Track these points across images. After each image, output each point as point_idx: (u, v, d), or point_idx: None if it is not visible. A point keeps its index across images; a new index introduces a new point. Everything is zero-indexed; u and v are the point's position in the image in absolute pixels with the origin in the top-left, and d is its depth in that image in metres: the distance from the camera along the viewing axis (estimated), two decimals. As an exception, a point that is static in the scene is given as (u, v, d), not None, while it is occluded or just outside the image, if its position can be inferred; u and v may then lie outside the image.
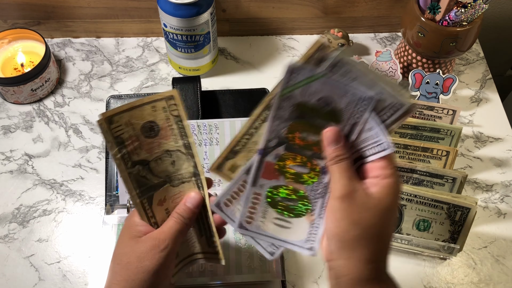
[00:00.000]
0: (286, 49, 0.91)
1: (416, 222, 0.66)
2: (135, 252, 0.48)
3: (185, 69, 0.84)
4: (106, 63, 0.88)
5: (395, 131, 0.72)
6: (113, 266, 0.49)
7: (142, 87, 0.85)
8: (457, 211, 0.64)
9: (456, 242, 0.65)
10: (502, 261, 0.69)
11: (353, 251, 0.42)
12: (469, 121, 0.82)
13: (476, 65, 0.89)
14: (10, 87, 0.79)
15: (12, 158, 0.77)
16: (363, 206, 0.42)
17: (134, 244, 0.48)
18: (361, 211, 0.42)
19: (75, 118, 0.81)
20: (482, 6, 0.70)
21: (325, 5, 0.87)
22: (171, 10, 0.73)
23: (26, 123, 0.81)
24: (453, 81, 0.78)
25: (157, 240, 0.48)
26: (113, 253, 0.50)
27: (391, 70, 0.79)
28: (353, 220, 0.42)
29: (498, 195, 0.75)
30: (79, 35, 0.91)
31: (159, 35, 0.91)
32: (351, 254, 0.42)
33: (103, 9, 0.86)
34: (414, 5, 0.75)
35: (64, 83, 0.85)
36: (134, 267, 0.47)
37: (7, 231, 0.70)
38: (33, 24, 0.88)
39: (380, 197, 0.42)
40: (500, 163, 0.78)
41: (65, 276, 0.67)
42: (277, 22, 0.90)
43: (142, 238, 0.49)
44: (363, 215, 0.42)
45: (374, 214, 0.42)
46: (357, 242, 0.42)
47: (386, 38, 0.93)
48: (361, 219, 0.42)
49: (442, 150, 0.70)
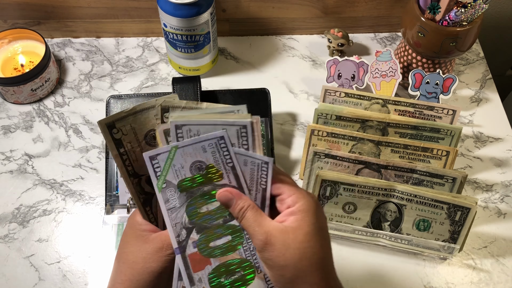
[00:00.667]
0: (286, 49, 0.91)
1: (416, 222, 0.66)
2: (141, 252, 0.47)
3: (185, 69, 0.84)
4: (106, 63, 0.88)
5: (394, 132, 0.72)
6: (118, 264, 0.48)
7: (142, 87, 0.85)
8: (457, 211, 0.64)
9: (456, 242, 0.65)
10: (502, 261, 0.69)
11: (299, 286, 0.41)
12: (469, 121, 0.82)
13: (476, 65, 0.89)
14: (10, 87, 0.79)
15: (12, 158, 0.77)
16: (284, 246, 0.41)
17: (141, 244, 0.47)
18: (284, 252, 0.41)
19: (75, 118, 0.81)
20: (482, 6, 0.70)
21: (325, 5, 0.87)
22: (171, 10, 0.73)
23: (26, 123, 0.81)
24: (453, 81, 0.78)
25: (164, 243, 0.47)
26: (118, 251, 0.49)
27: (391, 70, 0.79)
28: (280, 265, 0.41)
29: (498, 195, 0.75)
30: (79, 35, 0.91)
31: (159, 35, 0.91)
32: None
33: (103, 9, 0.86)
34: (414, 5, 0.75)
35: (64, 83, 0.85)
36: (140, 267, 0.46)
37: (7, 231, 0.70)
38: (33, 24, 0.88)
39: (298, 226, 0.41)
40: (500, 163, 0.78)
41: (65, 276, 0.67)
42: (277, 22, 0.90)
43: (150, 238, 0.47)
44: (288, 255, 0.41)
45: (298, 248, 0.41)
46: (299, 278, 0.41)
47: (386, 38, 0.93)
48: (287, 260, 0.41)
49: (442, 150, 0.70)
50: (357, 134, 0.70)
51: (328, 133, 0.71)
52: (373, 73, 0.80)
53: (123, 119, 0.45)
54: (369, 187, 0.65)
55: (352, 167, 0.68)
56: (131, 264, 0.47)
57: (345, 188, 0.65)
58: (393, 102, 0.75)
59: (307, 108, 0.82)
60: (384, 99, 0.75)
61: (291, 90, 0.85)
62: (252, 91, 0.77)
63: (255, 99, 0.77)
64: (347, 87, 0.80)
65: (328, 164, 0.68)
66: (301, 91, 0.85)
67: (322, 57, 0.89)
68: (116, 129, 0.45)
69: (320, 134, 0.71)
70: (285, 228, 0.41)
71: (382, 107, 0.75)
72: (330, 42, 0.87)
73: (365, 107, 0.75)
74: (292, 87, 0.86)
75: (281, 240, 0.41)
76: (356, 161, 0.67)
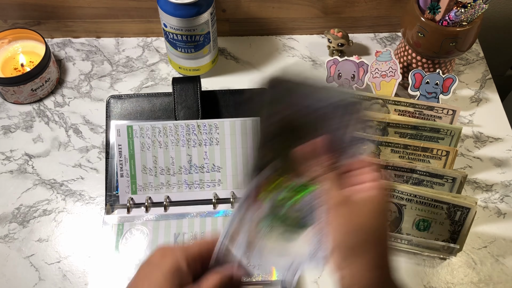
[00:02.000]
0: (286, 49, 0.91)
1: (416, 222, 0.66)
2: None
3: (185, 69, 0.84)
4: (106, 63, 0.88)
5: (394, 132, 0.72)
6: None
7: (142, 87, 0.85)
8: (457, 211, 0.64)
9: (456, 242, 0.65)
10: (502, 261, 0.69)
11: (358, 257, 0.42)
12: (469, 121, 0.82)
13: (476, 65, 0.89)
14: (10, 87, 0.79)
15: (12, 158, 0.77)
16: (359, 211, 0.42)
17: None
18: (358, 215, 0.42)
19: (75, 118, 0.81)
20: (482, 6, 0.70)
21: (325, 5, 0.87)
22: (171, 10, 0.73)
23: (26, 123, 0.81)
24: (453, 81, 0.78)
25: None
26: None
27: (391, 70, 0.79)
28: (352, 226, 0.42)
29: (498, 195, 0.75)
30: (79, 35, 0.91)
31: (159, 35, 0.91)
32: (357, 260, 0.42)
33: (103, 9, 0.86)
34: (414, 5, 0.75)
35: (64, 83, 0.85)
36: None
37: (7, 231, 0.70)
38: (33, 24, 0.88)
39: (372, 201, 0.43)
40: (500, 163, 0.78)
41: (65, 276, 0.67)
42: (277, 22, 0.90)
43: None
44: (361, 220, 0.42)
45: (370, 217, 0.42)
46: (360, 247, 0.42)
47: (386, 38, 0.93)
48: (360, 224, 0.42)
49: (442, 150, 0.70)
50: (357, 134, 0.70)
51: (328, 133, 0.71)
52: (373, 73, 0.80)
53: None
54: (369, 187, 0.65)
55: (352, 167, 0.68)
56: None
57: (345, 188, 0.65)
58: (393, 102, 0.75)
59: (307, 108, 0.82)
60: (384, 99, 0.75)
61: (291, 90, 0.85)
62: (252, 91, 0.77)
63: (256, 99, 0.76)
64: (347, 87, 0.80)
65: (328, 164, 0.68)
66: (301, 91, 0.85)
67: (322, 57, 0.89)
68: None
69: (320, 134, 0.71)
70: (361, 198, 0.43)
71: (382, 107, 0.75)
72: (330, 42, 0.87)
73: (365, 107, 0.75)
74: (292, 87, 0.86)
75: (358, 204, 0.43)
76: (356, 161, 0.67)
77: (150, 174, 0.70)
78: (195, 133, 0.70)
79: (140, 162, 0.70)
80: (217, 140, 0.70)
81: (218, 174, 0.70)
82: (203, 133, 0.70)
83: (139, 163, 0.70)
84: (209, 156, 0.70)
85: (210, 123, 0.71)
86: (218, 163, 0.70)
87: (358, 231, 0.42)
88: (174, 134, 0.70)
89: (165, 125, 0.70)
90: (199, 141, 0.70)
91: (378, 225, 0.43)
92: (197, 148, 0.70)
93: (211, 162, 0.70)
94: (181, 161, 0.70)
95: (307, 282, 0.67)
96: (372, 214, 0.43)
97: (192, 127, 0.70)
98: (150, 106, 0.75)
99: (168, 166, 0.70)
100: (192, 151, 0.70)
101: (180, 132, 0.70)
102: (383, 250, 0.43)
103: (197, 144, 0.70)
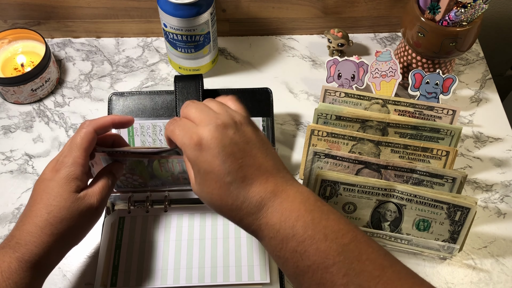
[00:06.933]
0: (286, 49, 0.91)
1: (416, 222, 0.66)
2: (70, 213, 0.53)
3: (185, 69, 0.84)
4: (106, 63, 0.88)
5: (394, 132, 0.72)
6: (47, 216, 0.53)
7: (142, 87, 0.85)
8: (457, 211, 0.64)
9: (456, 242, 0.66)
10: (502, 261, 0.69)
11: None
12: (469, 121, 0.83)
13: (476, 65, 0.89)
14: (10, 87, 0.79)
15: (12, 158, 0.77)
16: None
17: (73, 203, 0.53)
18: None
19: (75, 118, 0.81)
20: (482, 6, 0.70)
21: (325, 5, 0.87)
22: (171, 10, 0.73)
23: (26, 123, 0.81)
24: (453, 81, 0.78)
25: (92, 206, 0.55)
26: (48, 200, 0.53)
27: (391, 70, 0.79)
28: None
29: (498, 195, 0.75)
30: (79, 35, 0.91)
31: (159, 35, 0.91)
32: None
33: (103, 9, 0.86)
34: (414, 5, 0.75)
35: (64, 83, 0.85)
36: (66, 226, 0.53)
37: (7, 231, 0.70)
38: (33, 24, 0.88)
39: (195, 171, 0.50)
40: (500, 163, 0.78)
41: (65, 276, 0.67)
42: (277, 22, 0.90)
43: (80, 196, 0.54)
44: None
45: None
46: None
47: (386, 38, 0.93)
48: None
49: (442, 150, 0.70)
50: (357, 134, 0.70)
51: (328, 133, 0.71)
52: (373, 73, 0.80)
53: None
54: (369, 187, 0.65)
55: (352, 167, 0.68)
56: (61, 221, 0.54)
57: (345, 188, 0.65)
58: (393, 102, 0.75)
59: (307, 108, 0.82)
60: (384, 99, 0.75)
61: (291, 90, 0.85)
62: (254, 90, 0.77)
63: (257, 99, 0.77)
64: (347, 87, 0.80)
65: (328, 164, 0.68)
66: (301, 91, 0.85)
67: (322, 57, 0.89)
68: None
69: (320, 134, 0.71)
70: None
71: (382, 107, 0.75)
72: (330, 42, 0.87)
73: (365, 107, 0.75)
74: (292, 87, 0.86)
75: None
76: (356, 161, 0.67)
77: (150, 174, 0.70)
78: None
79: (140, 162, 0.70)
80: (217, 140, 0.70)
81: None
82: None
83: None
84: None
85: (210, 123, 0.70)
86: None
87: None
88: (174, 134, 0.70)
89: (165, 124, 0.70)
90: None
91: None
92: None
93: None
94: (181, 161, 0.70)
95: (307, 282, 0.67)
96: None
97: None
98: (152, 104, 0.75)
99: (168, 166, 0.70)
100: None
101: (180, 132, 0.70)
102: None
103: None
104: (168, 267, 0.63)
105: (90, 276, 0.67)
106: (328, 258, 0.43)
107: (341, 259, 0.43)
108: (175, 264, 0.63)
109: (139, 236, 0.66)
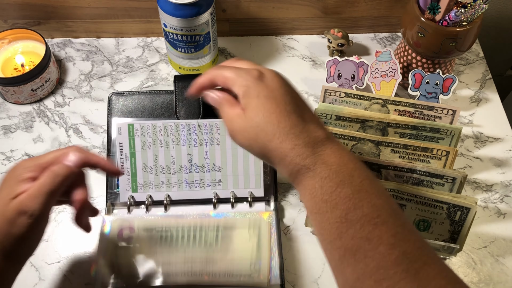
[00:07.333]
0: (286, 49, 0.91)
1: (416, 222, 0.66)
2: (5, 216, 0.49)
3: (185, 69, 0.84)
4: (106, 63, 0.88)
5: (394, 132, 0.72)
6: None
7: (142, 87, 0.85)
8: (457, 211, 0.64)
9: (456, 242, 0.66)
10: (502, 261, 0.69)
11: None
12: (469, 121, 0.83)
13: (476, 65, 0.89)
14: (10, 87, 0.79)
15: (12, 158, 0.77)
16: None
17: (6, 205, 0.49)
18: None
19: (75, 118, 0.81)
20: (482, 6, 0.70)
21: (325, 5, 0.87)
22: (171, 10, 0.73)
23: (26, 123, 0.81)
24: (453, 81, 0.78)
25: (24, 206, 0.49)
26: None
27: (391, 70, 0.79)
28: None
29: (498, 195, 0.75)
30: (79, 35, 0.91)
31: (159, 35, 0.91)
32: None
33: (103, 9, 0.86)
34: (414, 5, 0.75)
35: (64, 83, 0.85)
36: (5, 232, 0.49)
37: (7, 231, 0.70)
38: (33, 24, 0.88)
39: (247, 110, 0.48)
40: (500, 163, 0.78)
41: (65, 276, 0.67)
42: (277, 22, 0.90)
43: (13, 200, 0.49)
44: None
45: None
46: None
47: (386, 38, 0.93)
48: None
49: (442, 150, 0.70)
50: (357, 134, 0.70)
51: (328, 133, 0.71)
52: (373, 73, 0.80)
53: None
54: (369, 187, 0.65)
55: (352, 167, 0.68)
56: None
57: (345, 188, 0.65)
58: (393, 102, 0.75)
59: (307, 108, 0.82)
60: (384, 99, 0.75)
61: (291, 90, 0.85)
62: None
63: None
64: (347, 87, 0.80)
65: (328, 164, 0.68)
66: (301, 91, 0.85)
67: (322, 57, 0.90)
68: None
69: (320, 134, 0.71)
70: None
71: (382, 107, 0.75)
72: (330, 42, 0.87)
73: (365, 107, 0.76)
74: (292, 87, 0.86)
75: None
76: (356, 161, 0.67)
77: (150, 173, 0.70)
78: (196, 132, 0.70)
79: (141, 160, 0.70)
80: (217, 140, 0.70)
81: (218, 174, 0.70)
82: (204, 133, 0.70)
83: (139, 162, 0.70)
84: (209, 156, 0.70)
85: (211, 123, 0.71)
86: (219, 163, 0.70)
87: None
88: (175, 133, 0.70)
89: (166, 124, 0.70)
90: (199, 141, 0.70)
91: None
92: (197, 148, 0.70)
93: (212, 161, 0.70)
94: (181, 160, 0.70)
95: (307, 282, 0.67)
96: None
97: (193, 126, 0.70)
98: (151, 104, 0.75)
99: (168, 165, 0.70)
100: (192, 151, 0.70)
101: (181, 131, 0.70)
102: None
103: (197, 143, 0.70)
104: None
105: (90, 276, 0.67)
106: (381, 216, 0.42)
107: (391, 220, 0.42)
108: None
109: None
